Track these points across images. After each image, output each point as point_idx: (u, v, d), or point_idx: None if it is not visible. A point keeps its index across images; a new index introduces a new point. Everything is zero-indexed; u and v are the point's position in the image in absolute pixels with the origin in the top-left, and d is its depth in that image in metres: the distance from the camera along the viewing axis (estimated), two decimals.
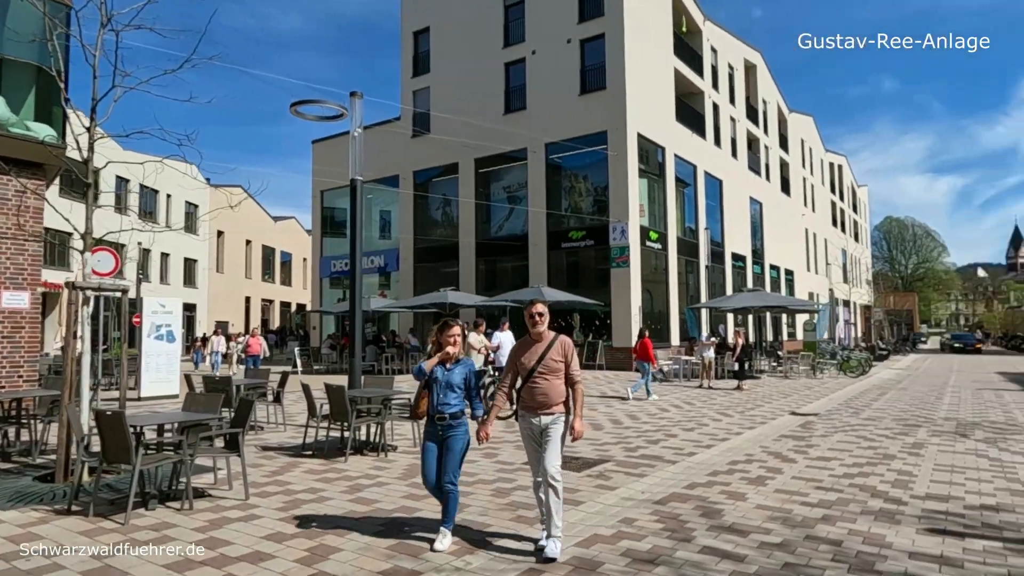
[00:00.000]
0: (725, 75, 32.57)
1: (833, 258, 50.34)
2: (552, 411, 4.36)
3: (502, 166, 27.26)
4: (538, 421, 4.36)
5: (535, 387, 4.37)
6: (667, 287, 25.67)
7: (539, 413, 4.36)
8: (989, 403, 13.95)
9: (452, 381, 4.51)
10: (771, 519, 5.17)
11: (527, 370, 4.41)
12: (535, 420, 4.38)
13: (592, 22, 24.71)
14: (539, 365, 4.37)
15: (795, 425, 10.46)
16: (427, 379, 4.53)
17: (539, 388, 4.36)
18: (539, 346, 4.43)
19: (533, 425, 4.39)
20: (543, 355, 4.38)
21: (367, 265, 31.60)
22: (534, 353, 4.42)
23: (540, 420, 4.35)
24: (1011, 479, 6.62)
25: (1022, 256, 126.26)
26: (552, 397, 4.36)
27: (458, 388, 4.53)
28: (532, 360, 4.40)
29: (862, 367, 22.33)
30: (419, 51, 30.27)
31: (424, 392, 4.58)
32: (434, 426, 4.46)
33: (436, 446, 4.47)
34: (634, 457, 7.73)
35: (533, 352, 4.43)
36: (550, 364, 4.38)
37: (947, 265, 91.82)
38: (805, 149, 45.76)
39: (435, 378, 4.52)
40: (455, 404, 4.50)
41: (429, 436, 4.50)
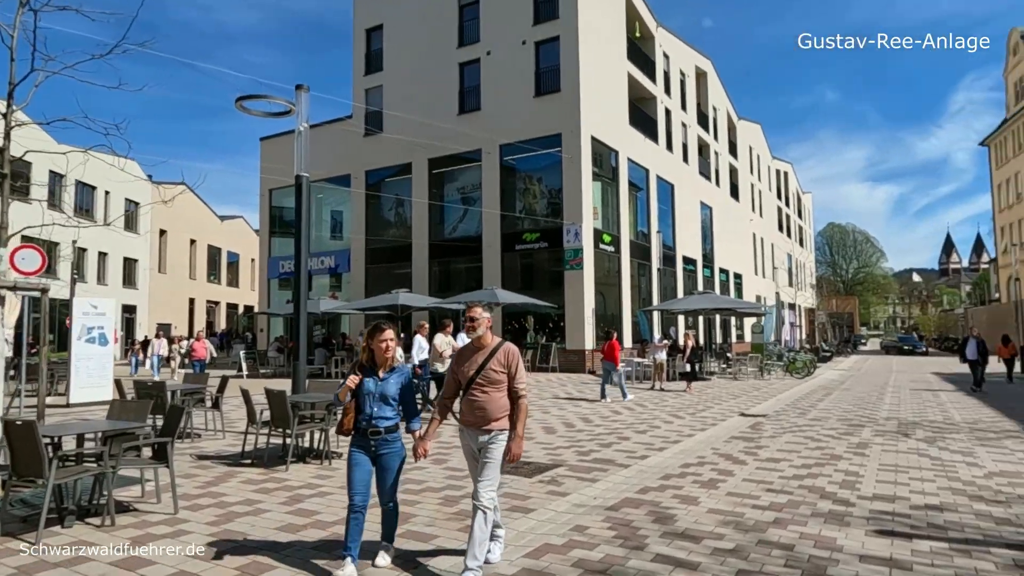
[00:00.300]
0: (677, 81, 33.06)
1: (779, 262, 51.74)
2: (491, 427, 3.93)
3: (456, 167, 26.99)
4: (476, 438, 3.96)
5: (473, 400, 3.97)
6: (620, 289, 25.83)
7: (477, 429, 3.95)
8: (927, 403, 14.41)
9: (387, 392, 4.07)
10: (723, 524, 5.10)
11: (465, 380, 4.01)
12: (473, 437, 3.99)
13: (547, 24, 24.70)
14: (477, 375, 3.96)
15: (745, 426, 10.54)
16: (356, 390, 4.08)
17: (477, 401, 3.95)
18: (479, 355, 4.02)
19: (471, 442, 4.03)
20: (483, 365, 3.95)
21: (317, 266, 30.89)
22: (473, 362, 4.01)
23: (478, 437, 3.95)
24: (952, 478, 6.75)
25: (953, 262, 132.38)
26: (491, 412, 3.93)
27: (393, 400, 4.10)
28: (471, 370, 3.99)
29: (807, 368, 22.90)
30: (371, 49, 29.76)
31: (352, 404, 4.11)
32: (366, 441, 4.02)
33: (368, 461, 4.03)
34: (586, 461, 7.61)
35: (472, 361, 4.02)
36: (490, 375, 3.95)
37: (885, 270, 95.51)
38: (753, 156, 46.90)
39: (367, 390, 4.06)
40: (391, 417, 4.08)
41: (360, 450, 4.04)
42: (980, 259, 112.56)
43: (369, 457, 4.03)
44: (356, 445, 4.06)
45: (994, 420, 11.53)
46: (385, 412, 4.06)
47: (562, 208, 23.75)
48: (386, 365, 4.11)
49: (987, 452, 8.27)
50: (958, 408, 13.42)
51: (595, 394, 15.80)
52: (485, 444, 3.92)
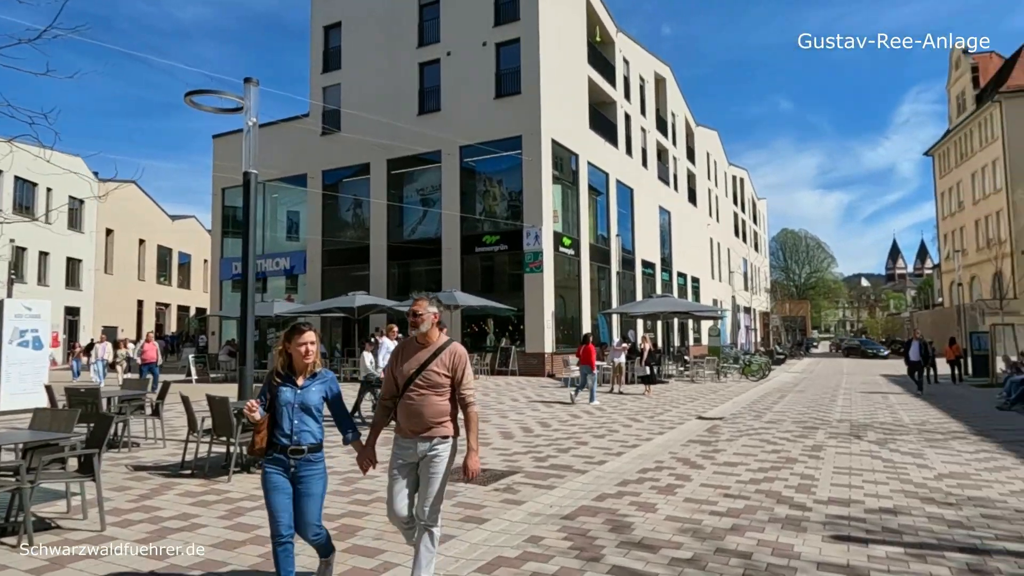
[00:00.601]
0: (637, 86, 33.35)
1: (735, 267, 52.72)
2: (431, 435, 3.51)
3: (415, 168, 26.66)
4: (414, 447, 3.53)
5: (409, 403, 3.53)
6: (580, 293, 25.84)
7: (415, 437, 3.52)
8: (877, 405, 14.72)
9: (308, 402, 3.48)
10: (681, 531, 4.99)
11: (403, 380, 3.57)
12: (411, 446, 3.53)
13: (508, 26, 24.60)
14: (417, 376, 3.52)
15: (702, 430, 10.55)
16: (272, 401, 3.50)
17: (413, 405, 3.51)
18: (422, 353, 3.58)
19: (407, 451, 3.55)
20: (424, 364, 3.53)
21: (272, 267, 30.15)
22: (415, 361, 3.57)
23: (417, 447, 3.52)
24: (904, 480, 6.81)
25: (900, 267, 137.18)
26: (428, 417, 3.50)
27: (316, 410, 3.51)
28: (410, 369, 3.55)
29: (762, 371, 23.28)
30: (330, 46, 29.20)
31: (265, 419, 3.48)
32: (285, 461, 3.44)
33: (288, 483, 3.46)
34: (543, 467, 7.45)
35: (414, 359, 3.58)
36: (431, 376, 3.52)
37: (835, 275, 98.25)
38: (710, 162, 47.70)
39: (284, 400, 3.46)
40: (315, 432, 3.51)
41: (278, 470, 3.45)
42: (924, 265, 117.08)
43: (289, 482, 3.46)
44: (272, 465, 3.46)
45: (941, 421, 11.80)
46: (308, 426, 3.48)
47: (522, 211, 23.65)
48: (306, 371, 3.54)
49: (936, 453, 8.41)
50: (906, 410, 13.73)
51: (554, 397, 15.72)
52: (426, 454, 3.53)
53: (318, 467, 3.52)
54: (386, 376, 3.73)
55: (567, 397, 14.90)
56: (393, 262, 26.54)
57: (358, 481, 6.59)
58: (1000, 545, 4.66)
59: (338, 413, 3.63)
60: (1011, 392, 14.22)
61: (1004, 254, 38.65)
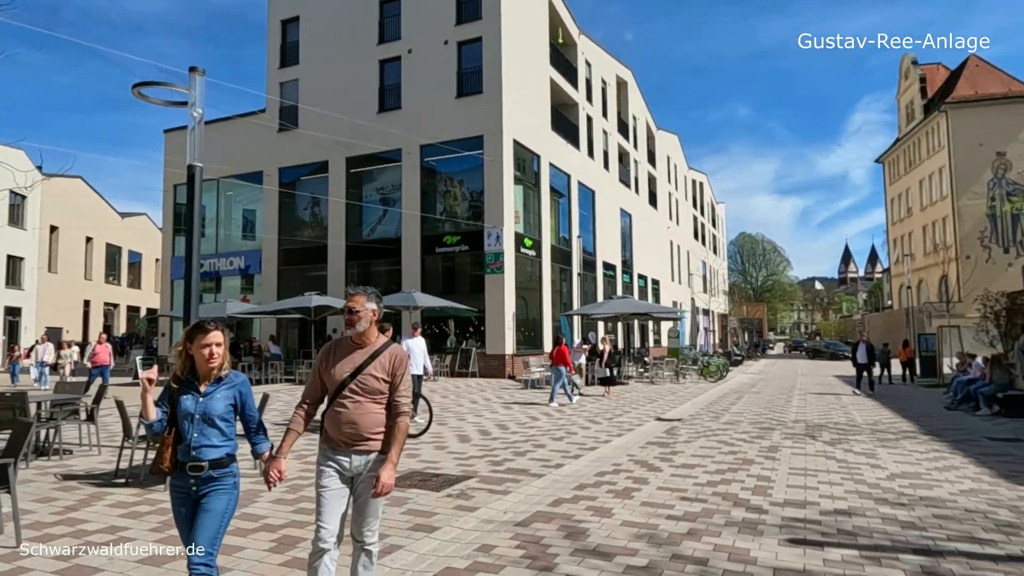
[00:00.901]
0: (598, 89, 33.49)
1: (695, 269, 53.46)
2: (367, 448, 3.13)
3: (375, 166, 26.23)
4: (348, 462, 3.13)
5: (342, 412, 3.13)
6: (541, 294, 25.76)
7: (348, 450, 3.13)
8: (831, 405, 14.96)
9: (212, 411, 3.01)
10: (637, 537, 4.86)
11: (335, 385, 3.18)
12: (344, 459, 3.13)
13: (469, 25, 24.39)
14: (352, 380, 3.14)
15: (660, 431, 10.51)
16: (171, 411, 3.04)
17: (346, 414, 3.12)
18: (358, 354, 3.22)
19: (340, 466, 3.13)
20: (361, 367, 3.16)
21: (227, 267, 29.33)
22: (349, 362, 3.19)
23: (351, 461, 3.13)
24: (858, 481, 6.83)
25: (851, 271, 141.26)
26: (364, 428, 3.12)
27: (222, 420, 3.04)
28: (344, 372, 3.17)
29: (720, 372, 23.54)
30: (287, 41, 28.56)
31: (171, 436, 3.02)
32: (185, 480, 2.98)
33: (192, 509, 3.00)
34: (499, 472, 7.26)
35: (348, 361, 3.20)
36: (368, 381, 3.15)
37: (791, 278, 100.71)
38: (671, 165, 48.27)
39: (184, 410, 3.01)
40: (220, 445, 3.03)
41: (179, 495, 3.01)
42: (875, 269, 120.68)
43: (193, 502, 2.99)
44: (175, 486, 3.02)
45: (892, 421, 12.02)
46: (211, 438, 3.00)
47: (483, 211, 23.45)
48: (211, 376, 3.07)
49: (888, 453, 8.51)
50: (859, 410, 13.97)
51: (513, 399, 15.57)
52: (363, 470, 3.13)
53: (224, 483, 3.01)
54: (312, 378, 3.32)
55: (553, 397, 14.68)
56: (352, 262, 26.05)
57: (305, 488, 6.29)
58: (952, 546, 4.65)
59: (249, 422, 3.19)
60: (957, 392, 14.61)
61: (950, 259, 40.03)
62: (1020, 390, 12.56)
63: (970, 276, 34.43)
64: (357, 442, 3.13)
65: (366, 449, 3.14)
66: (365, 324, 3.24)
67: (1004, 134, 40.73)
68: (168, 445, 3.01)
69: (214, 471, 2.99)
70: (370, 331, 3.26)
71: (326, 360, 3.27)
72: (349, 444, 3.13)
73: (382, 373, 3.18)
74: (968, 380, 14.46)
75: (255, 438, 3.22)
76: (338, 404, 3.16)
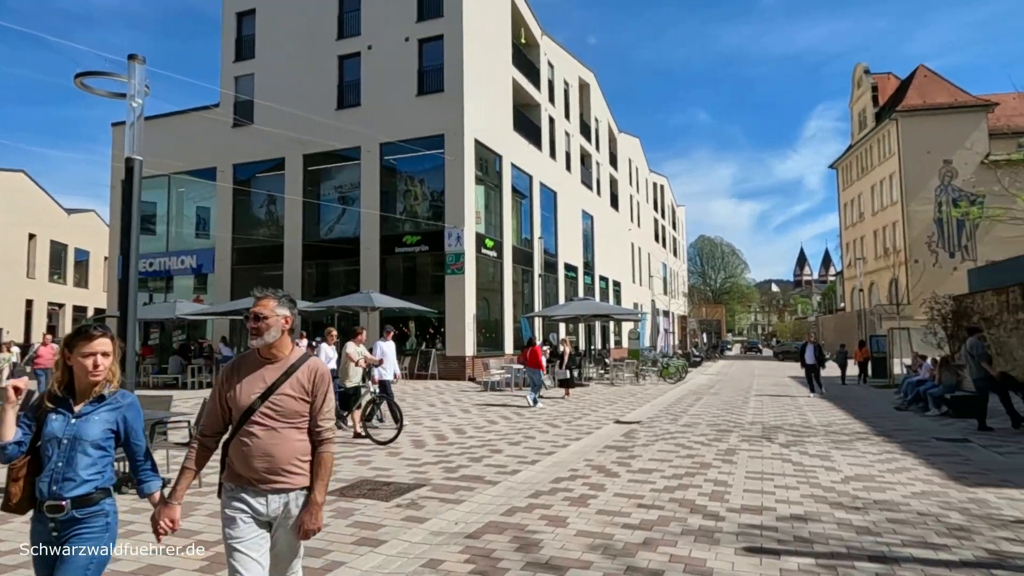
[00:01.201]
0: (561, 90, 33.50)
1: (655, 271, 54.02)
2: (286, 485, 2.59)
3: (333, 164, 25.70)
4: (264, 504, 2.58)
5: (250, 443, 2.58)
6: (502, 295, 25.58)
7: (263, 489, 2.57)
8: (787, 406, 15.13)
9: (84, 436, 2.46)
10: (591, 548, 4.69)
11: (241, 410, 2.62)
12: (258, 502, 2.57)
13: (431, 22, 24.09)
14: (263, 403, 2.61)
15: (619, 435, 10.41)
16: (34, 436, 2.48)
17: (257, 445, 2.57)
18: (268, 371, 2.68)
19: (253, 510, 2.57)
20: (273, 386, 2.63)
21: (178, 266, 28.41)
22: (258, 382, 2.65)
23: (268, 503, 2.58)
24: (813, 484, 6.81)
25: (806, 274, 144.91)
26: (280, 460, 2.57)
27: (96, 448, 2.47)
28: (252, 393, 2.63)
29: (679, 373, 23.71)
30: (242, 34, 27.80)
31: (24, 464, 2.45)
32: (44, 523, 2.43)
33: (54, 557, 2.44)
34: (453, 479, 7.04)
35: (256, 380, 2.66)
36: (283, 403, 2.62)
37: (748, 281, 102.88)
38: (632, 168, 48.66)
39: (50, 434, 2.44)
40: (89, 479, 2.45)
41: (38, 537, 2.46)
42: (828, 272, 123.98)
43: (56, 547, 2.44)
44: (36, 533, 2.47)
45: (845, 423, 12.18)
46: (77, 470, 2.42)
47: (444, 211, 23.16)
48: (91, 393, 2.53)
49: (842, 455, 8.55)
50: (813, 411, 14.15)
51: (472, 402, 15.35)
52: (282, 514, 2.60)
53: (92, 525, 2.45)
54: (211, 404, 2.75)
55: (509, 401, 14.63)
56: (309, 262, 25.47)
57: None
58: (907, 552, 4.61)
59: (134, 454, 2.61)
60: (907, 393, 14.93)
61: (900, 262, 41.28)
62: (967, 391, 12.86)
63: (919, 280, 35.52)
64: (273, 479, 2.57)
65: (285, 486, 2.59)
66: (276, 333, 2.69)
67: (950, 142, 42.20)
68: (18, 477, 2.42)
69: (78, 511, 2.41)
70: (282, 342, 2.73)
71: (229, 380, 2.70)
72: (263, 482, 2.57)
73: (300, 392, 2.66)
74: (918, 381, 14.79)
75: (142, 474, 2.62)
76: (246, 433, 2.59)
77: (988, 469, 7.64)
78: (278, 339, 2.71)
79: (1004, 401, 11.01)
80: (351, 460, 8.11)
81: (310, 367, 2.73)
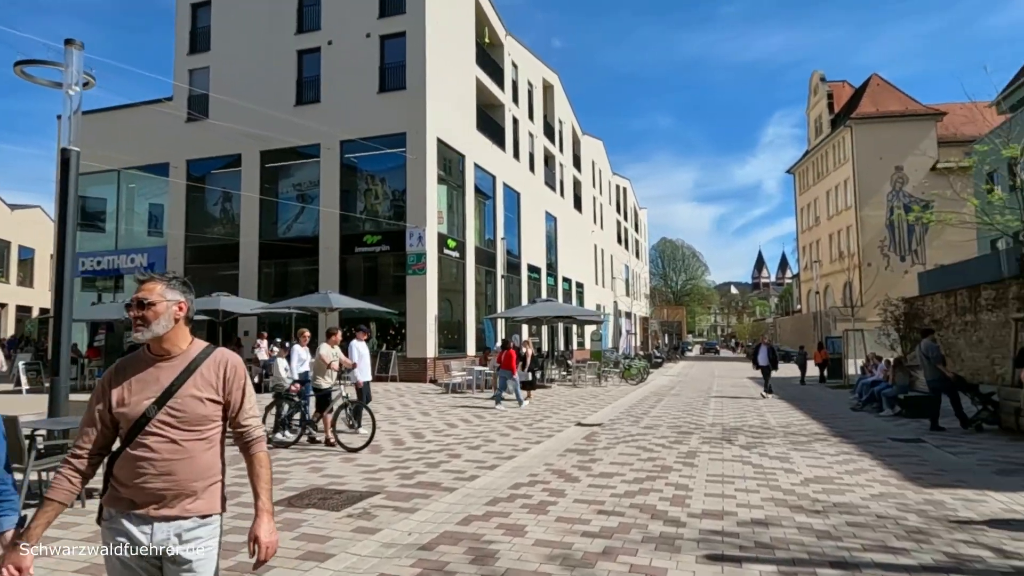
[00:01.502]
0: (525, 91, 33.40)
1: (618, 273, 54.38)
2: (182, 511, 2.11)
3: (292, 161, 25.08)
4: (148, 534, 2.09)
5: (144, 459, 2.10)
6: (464, 296, 25.33)
7: (154, 514, 2.09)
8: (746, 408, 15.24)
9: None
10: (550, 559, 4.52)
11: (130, 421, 2.13)
12: (141, 532, 2.09)
13: (393, 18, 23.70)
14: (159, 410, 2.13)
15: (580, 438, 10.29)
16: None
17: (153, 461, 2.10)
18: (164, 370, 2.19)
19: (133, 540, 2.08)
20: (172, 388, 2.15)
21: (128, 264, 27.36)
22: (151, 384, 2.17)
23: (153, 532, 2.09)
24: (773, 487, 6.77)
25: (764, 277, 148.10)
26: (183, 479, 2.12)
27: None
28: (144, 399, 2.14)
29: (641, 375, 23.79)
30: (198, 26, 26.96)
31: None
32: None
33: None
34: (409, 486, 6.79)
35: (150, 382, 2.17)
36: (187, 407, 2.15)
37: (708, 283, 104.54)
38: (595, 170, 48.88)
39: None
40: None
41: None
42: (785, 274, 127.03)
43: None
44: None
45: (803, 423, 12.30)
46: None
47: (406, 211, 22.80)
48: None
49: (801, 456, 8.57)
50: (772, 412, 14.28)
51: (433, 404, 15.09)
52: (176, 546, 2.10)
53: None
54: (88, 415, 2.20)
55: (499, 399, 14.77)
56: (266, 261, 24.81)
57: None
58: (868, 557, 4.55)
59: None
60: (862, 393, 15.19)
61: (854, 265, 42.33)
62: (920, 391, 13.13)
63: (872, 283, 36.44)
64: (170, 502, 2.10)
65: (181, 513, 2.10)
66: (167, 323, 2.19)
67: (902, 149, 43.49)
68: None
69: None
70: (176, 333, 2.23)
71: (112, 387, 2.18)
72: (155, 505, 2.09)
73: (207, 392, 2.20)
74: (872, 382, 15.06)
75: None
76: (140, 447, 2.11)
77: (942, 469, 7.73)
78: (171, 330, 2.22)
79: (954, 402, 11.23)
80: (303, 467, 7.79)
81: (217, 360, 2.27)
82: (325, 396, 9.52)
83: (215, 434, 2.24)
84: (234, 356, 2.32)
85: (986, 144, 14.15)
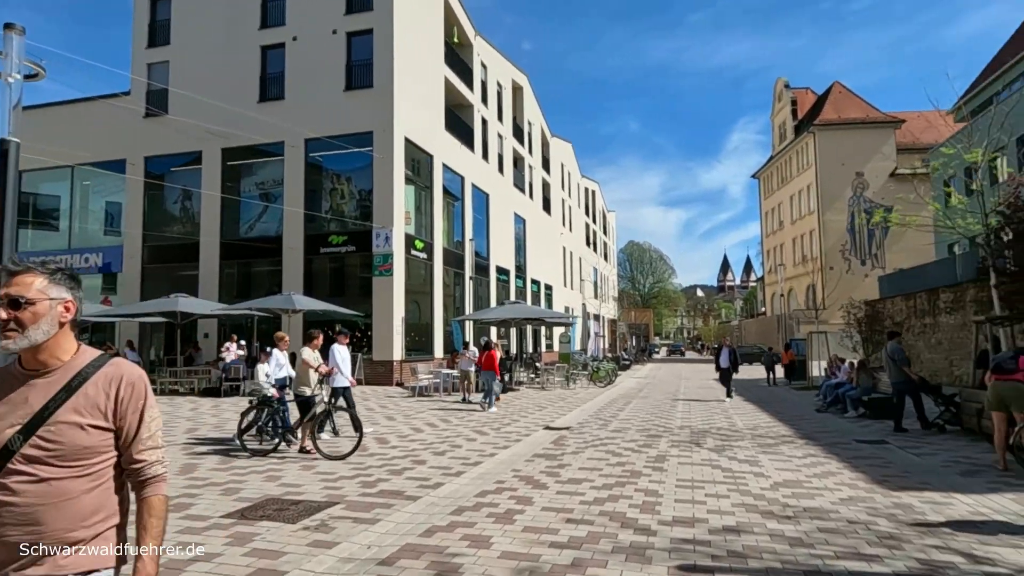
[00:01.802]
0: (494, 92, 33.23)
1: (586, 275, 54.54)
2: (59, 567, 1.67)
3: (255, 159, 24.49)
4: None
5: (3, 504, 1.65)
6: (432, 298, 25.01)
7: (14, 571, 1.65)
8: (713, 410, 15.26)
9: None
10: (516, 572, 4.31)
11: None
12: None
13: (360, 15, 23.32)
14: (25, 441, 1.67)
15: (548, 442, 10.12)
16: None
17: (15, 507, 1.65)
18: (35, 389, 1.72)
19: None
20: (44, 412, 1.69)
21: (82, 264, 26.43)
22: (15, 407, 1.70)
23: None
24: (744, 492, 6.67)
25: (729, 280, 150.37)
26: (55, 528, 1.67)
27: None
28: (4, 427, 1.68)
29: (609, 377, 23.76)
30: (157, 18, 26.18)
31: None
32: None
33: None
34: (371, 495, 6.52)
35: (13, 404, 1.71)
36: (63, 436, 1.69)
37: (675, 286, 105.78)
38: (565, 173, 48.95)
39: None
40: None
41: None
42: (750, 278, 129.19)
43: None
44: None
45: (770, 426, 12.32)
46: None
47: (372, 211, 22.41)
48: None
49: (769, 460, 8.53)
50: (739, 414, 14.31)
51: (398, 408, 14.79)
52: None
53: None
54: None
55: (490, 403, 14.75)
56: (227, 261, 24.16)
57: None
58: (841, 565, 4.45)
59: None
60: (826, 395, 15.34)
61: (817, 269, 43.15)
62: (883, 393, 13.28)
63: (835, 286, 37.15)
64: (38, 561, 1.65)
65: (51, 572, 1.66)
66: (48, 328, 1.73)
67: (862, 156, 44.48)
68: None
69: None
70: (59, 342, 1.76)
71: None
72: (15, 566, 1.64)
73: (92, 416, 1.73)
74: (836, 384, 15.22)
75: None
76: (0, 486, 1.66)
77: (907, 471, 7.74)
78: (52, 337, 1.74)
79: (917, 404, 11.36)
80: (259, 475, 7.46)
81: (109, 375, 1.79)
82: (307, 402, 9.12)
83: (103, 468, 1.76)
84: (133, 370, 1.84)
85: (951, 147, 14.41)
